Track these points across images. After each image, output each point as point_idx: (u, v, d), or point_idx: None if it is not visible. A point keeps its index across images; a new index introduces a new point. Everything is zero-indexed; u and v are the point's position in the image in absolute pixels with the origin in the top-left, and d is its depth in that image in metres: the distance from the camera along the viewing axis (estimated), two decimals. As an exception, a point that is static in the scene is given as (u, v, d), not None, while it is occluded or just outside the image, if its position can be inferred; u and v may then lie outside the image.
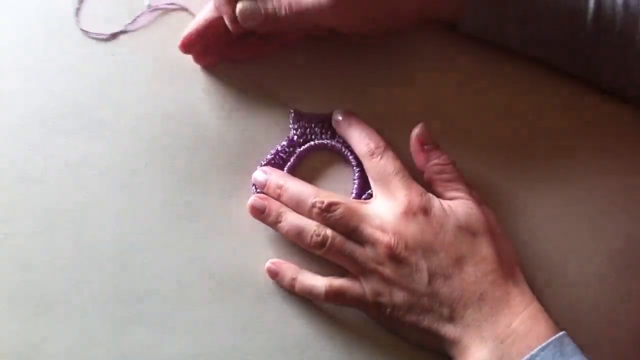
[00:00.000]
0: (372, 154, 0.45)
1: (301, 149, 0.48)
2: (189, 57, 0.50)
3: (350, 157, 0.48)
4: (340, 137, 0.49)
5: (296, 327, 0.45)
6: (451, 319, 0.41)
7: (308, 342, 0.45)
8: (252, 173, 0.48)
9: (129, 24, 0.51)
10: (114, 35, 0.51)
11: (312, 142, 0.48)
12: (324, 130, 0.49)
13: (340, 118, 0.48)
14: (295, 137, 0.49)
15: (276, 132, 0.49)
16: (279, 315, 0.45)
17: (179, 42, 0.49)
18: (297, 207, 0.45)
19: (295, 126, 0.49)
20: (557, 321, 0.41)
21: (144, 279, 0.46)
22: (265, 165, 0.48)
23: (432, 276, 0.42)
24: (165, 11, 0.52)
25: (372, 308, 0.44)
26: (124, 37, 0.51)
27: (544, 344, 0.39)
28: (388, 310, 0.43)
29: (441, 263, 0.42)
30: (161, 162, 0.48)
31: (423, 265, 0.42)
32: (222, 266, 0.46)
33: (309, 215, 0.45)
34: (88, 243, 0.46)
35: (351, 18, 0.45)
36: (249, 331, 0.45)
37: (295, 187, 0.46)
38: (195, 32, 0.48)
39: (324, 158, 0.49)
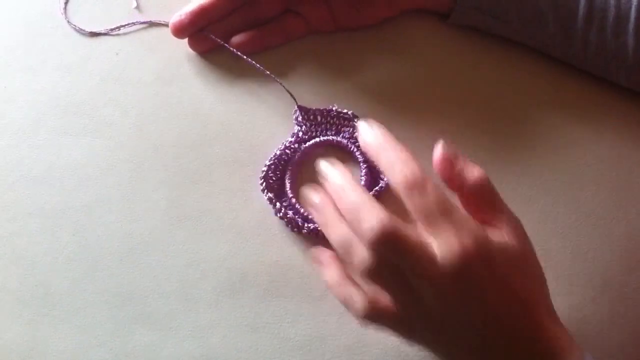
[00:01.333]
0: (410, 188, 0.36)
1: (306, 145, 0.47)
2: (193, 56, 0.50)
3: (357, 154, 0.47)
4: (346, 132, 0.48)
5: (299, 327, 0.44)
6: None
7: (311, 342, 0.44)
8: (257, 172, 0.47)
9: (112, 29, 0.51)
10: (92, 34, 0.51)
11: (317, 139, 0.48)
12: (329, 127, 0.48)
13: (366, 133, 0.38)
14: (301, 134, 0.48)
15: (281, 129, 0.49)
16: (283, 316, 0.45)
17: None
18: (348, 214, 0.37)
19: (301, 122, 0.48)
20: (562, 321, 0.40)
21: (148, 279, 0.45)
22: (270, 163, 0.47)
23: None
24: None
25: (404, 331, 0.38)
26: (127, 36, 0.51)
27: None
28: (417, 333, 0.38)
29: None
30: (165, 162, 0.48)
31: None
32: (225, 266, 0.46)
33: (360, 235, 0.36)
34: (92, 243, 0.46)
35: None
36: (252, 331, 0.44)
37: (358, 196, 0.37)
38: (188, 16, 0.48)
39: (330, 154, 0.48)
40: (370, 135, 0.38)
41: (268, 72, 0.48)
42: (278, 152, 0.47)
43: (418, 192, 0.36)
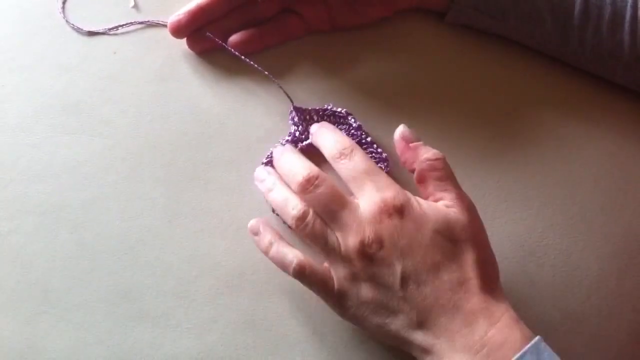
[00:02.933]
0: (340, 156, 0.43)
1: (303, 144, 0.48)
2: (190, 55, 0.51)
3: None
4: (342, 130, 0.48)
5: (297, 324, 0.45)
6: (422, 326, 0.39)
7: (309, 339, 0.44)
8: (254, 170, 0.47)
9: (110, 28, 0.51)
10: (90, 33, 0.51)
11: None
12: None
13: (314, 126, 0.47)
14: (297, 133, 0.48)
15: (278, 128, 0.49)
16: (280, 312, 0.45)
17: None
18: (286, 177, 0.44)
19: (296, 122, 0.48)
20: (559, 319, 0.40)
21: (146, 277, 0.45)
22: (266, 163, 0.47)
23: (405, 280, 0.39)
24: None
25: (337, 301, 0.41)
26: (125, 36, 0.51)
27: (520, 353, 0.36)
28: (353, 307, 0.41)
29: (416, 267, 0.39)
30: (162, 160, 0.48)
31: (397, 267, 0.39)
32: (223, 264, 0.46)
33: (294, 186, 0.43)
34: (90, 241, 0.46)
35: None
36: (250, 328, 0.44)
37: (290, 157, 0.45)
38: (186, 16, 0.48)
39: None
40: (315, 125, 0.47)
41: (266, 73, 0.48)
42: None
43: (346, 160, 0.43)
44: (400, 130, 0.44)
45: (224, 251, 0.46)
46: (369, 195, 0.41)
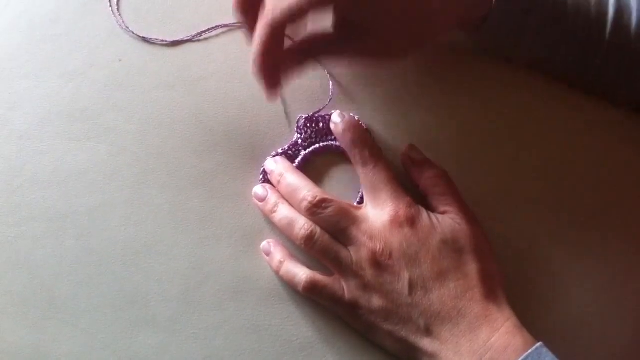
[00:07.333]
0: (365, 163, 0.45)
1: (306, 151, 0.48)
2: (195, 63, 0.51)
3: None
4: None
5: (302, 330, 0.45)
6: (429, 332, 0.41)
7: (314, 345, 0.45)
8: (259, 177, 0.48)
9: (194, 35, 0.52)
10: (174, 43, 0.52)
11: (317, 145, 0.49)
12: (330, 131, 0.49)
13: (337, 121, 0.47)
14: (300, 141, 0.49)
15: (284, 136, 0.49)
16: (285, 318, 0.45)
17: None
18: (290, 198, 0.46)
19: (302, 130, 0.49)
20: (561, 324, 0.41)
21: (151, 282, 0.46)
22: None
23: (412, 287, 0.42)
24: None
25: (349, 310, 0.43)
26: (130, 43, 0.51)
27: (521, 358, 0.38)
28: (364, 315, 0.43)
29: (423, 275, 0.42)
30: (168, 167, 0.48)
31: (405, 275, 0.42)
32: (228, 269, 0.46)
33: (298, 207, 0.45)
34: (96, 247, 0.47)
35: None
36: (255, 334, 0.45)
37: (293, 178, 0.46)
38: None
39: (330, 159, 0.49)
40: (340, 119, 0.47)
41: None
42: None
43: (369, 167, 0.45)
44: (407, 148, 0.47)
45: (229, 257, 0.47)
46: (383, 206, 0.44)
